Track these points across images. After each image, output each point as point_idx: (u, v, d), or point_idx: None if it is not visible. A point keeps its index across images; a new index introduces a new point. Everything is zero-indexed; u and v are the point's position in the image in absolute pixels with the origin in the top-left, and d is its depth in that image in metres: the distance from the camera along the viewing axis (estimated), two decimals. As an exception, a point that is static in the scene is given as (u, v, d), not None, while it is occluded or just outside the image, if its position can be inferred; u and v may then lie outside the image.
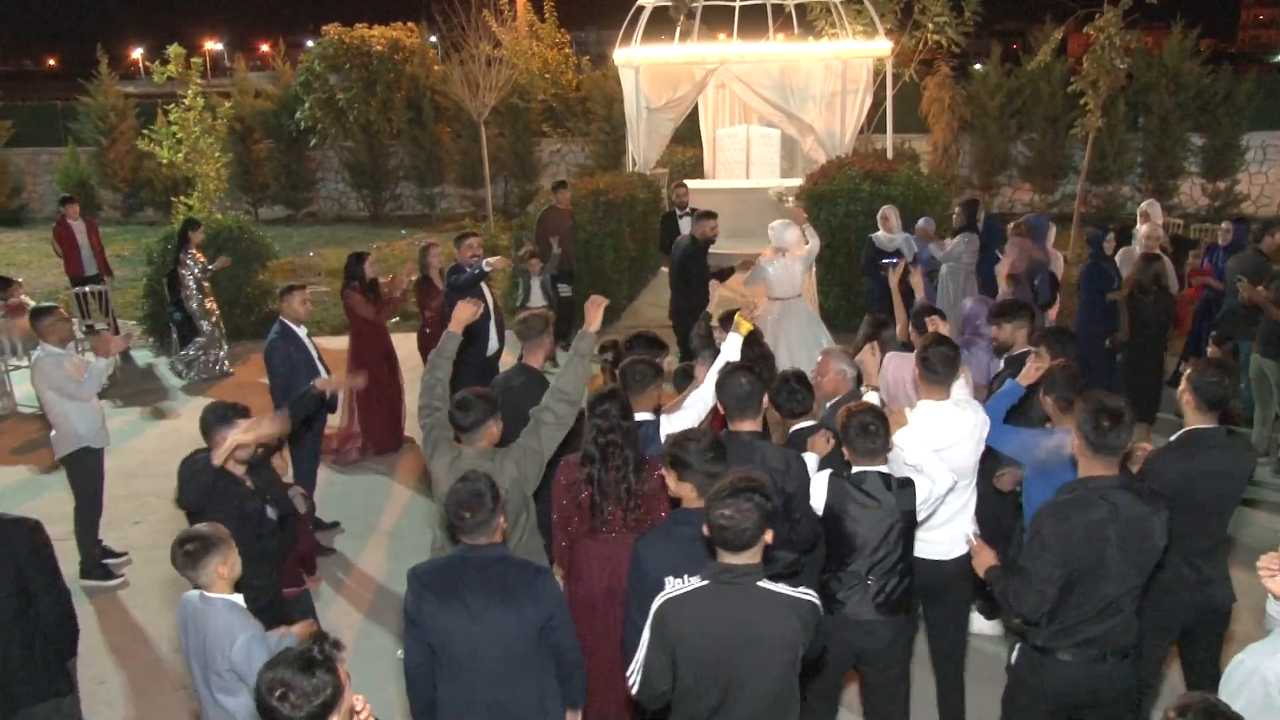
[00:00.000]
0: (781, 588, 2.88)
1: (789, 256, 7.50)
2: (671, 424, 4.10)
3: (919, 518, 3.73)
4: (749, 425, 3.76)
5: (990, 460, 4.30)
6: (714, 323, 5.42)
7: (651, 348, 4.73)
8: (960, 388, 4.24)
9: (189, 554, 3.23)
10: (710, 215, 8.32)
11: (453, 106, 17.93)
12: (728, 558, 2.85)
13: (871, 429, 3.56)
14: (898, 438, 3.78)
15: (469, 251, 7.85)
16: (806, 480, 3.71)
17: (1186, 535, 3.68)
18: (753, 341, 4.70)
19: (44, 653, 3.65)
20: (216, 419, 3.94)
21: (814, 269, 9.00)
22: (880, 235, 8.41)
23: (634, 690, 2.99)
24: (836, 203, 9.64)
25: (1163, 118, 17.16)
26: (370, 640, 5.28)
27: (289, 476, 4.73)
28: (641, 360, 4.26)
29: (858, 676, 3.97)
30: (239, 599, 3.31)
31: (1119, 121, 16.85)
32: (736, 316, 4.47)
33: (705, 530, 2.89)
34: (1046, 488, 3.75)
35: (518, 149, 19.62)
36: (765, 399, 3.95)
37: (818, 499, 3.62)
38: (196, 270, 9.70)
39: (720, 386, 3.80)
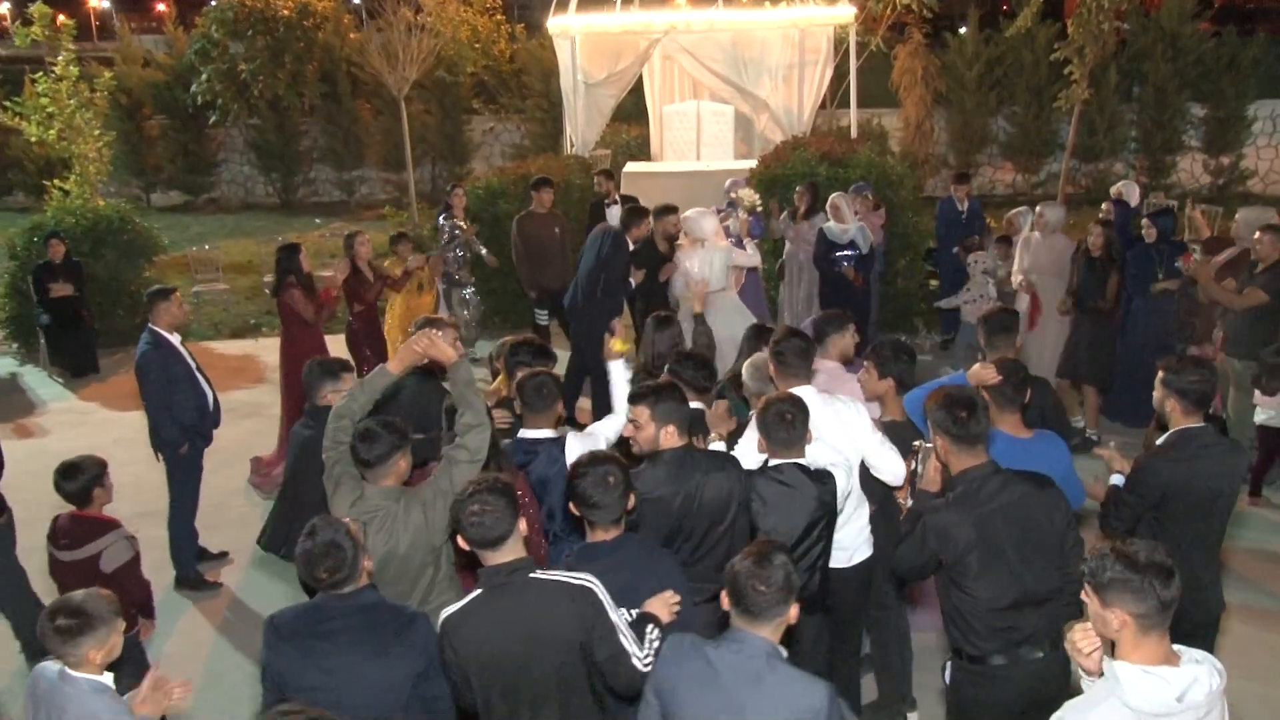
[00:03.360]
0: (556, 575, 3.12)
1: (709, 247, 7.68)
2: (582, 445, 4.28)
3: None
4: (679, 442, 3.91)
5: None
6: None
7: (538, 358, 4.86)
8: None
9: (61, 631, 3.04)
10: (642, 213, 8.25)
11: (371, 80, 17.90)
12: (491, 558, 3.10)
13: (789, 417, 3.80)
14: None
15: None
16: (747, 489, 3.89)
17: (1181, 539, 3.87)
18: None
19: None
20: (321, 373, 4.62)
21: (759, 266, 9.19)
22: (832, 226, 8.60)
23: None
24: (790, 188, 9.80)
25: (1159, 87, 17.48)
26: (254, 685, 5.33)
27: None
28: (545, 372, 4.39)
29: None
30: (108, 680, 3.16)
31: (1110, 92, 17.21)
32: (609, 342, 4.86)
33: (462, 541, 3.13)
34: None
35: (445, 128, 19.68)
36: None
37: None
38: (446, 235, 9.80)
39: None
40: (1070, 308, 7.86)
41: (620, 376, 4.79)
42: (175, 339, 6.03)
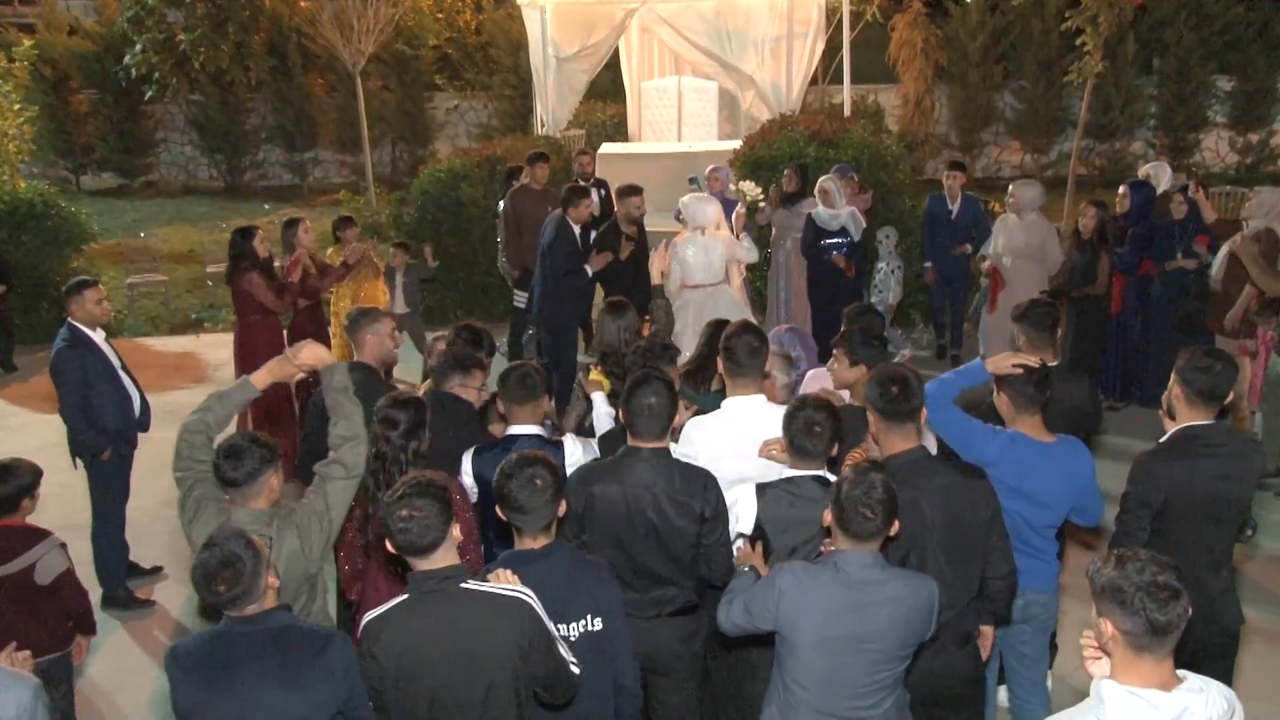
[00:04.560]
0: (489, 586, 3.18)
1: (708, 236, 7.71)
2: (582, 450, 4.43)
3: None
4: (653, 444, 3.94)
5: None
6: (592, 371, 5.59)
7: (473, 344, 4.95)
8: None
9: None
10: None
11: (324, 53, 17.81)
12: (420, 564, 3.16)
13: (817, 430, 3.82)
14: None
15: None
16: (724, 505, 3.91)
17: (1185, 547, 3.89)
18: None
19: None
20: (452, 364, 4.71)
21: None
22: (821, 212, 8.65)
23: None
24: (777, 170, 9.84)
25: (1181, 58, 17.61)
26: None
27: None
28: (528, 364, 4.45)
29: None
30: None
31: (1127, 64, 17.33)
32: (592, 374, 4.98)
33: (390, 546, 3.19)
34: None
35: (406, 106, 19.68)
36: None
37: (747, 516, 3.85)
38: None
39: (626, 400, 3.96)
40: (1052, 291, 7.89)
41: (602, 408, 4.89)
42: (98, 335, 6.02)
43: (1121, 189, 8.45)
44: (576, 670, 3.25)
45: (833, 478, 3.88)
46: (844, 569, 3.29)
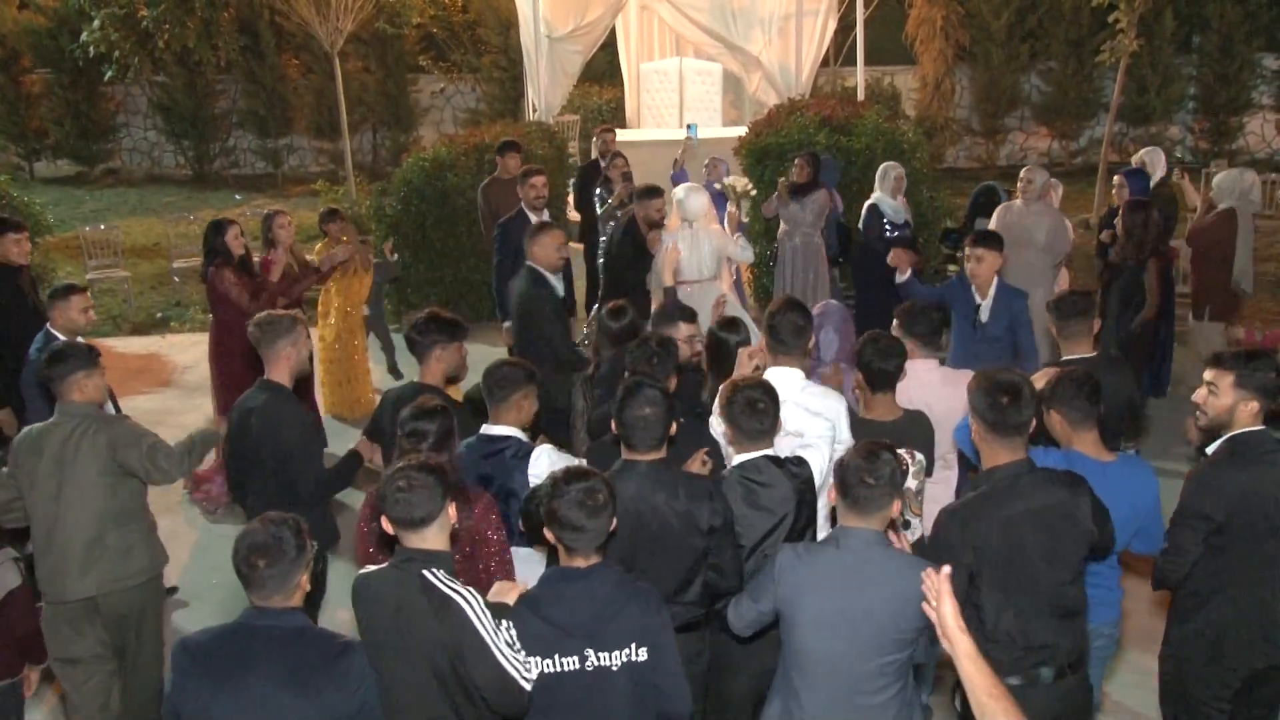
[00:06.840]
0: (436, 580, 3.37)
1: (698, 229, 7.86)
2: (560, 461, 4.42)
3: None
4: (650, 455, 4.02)
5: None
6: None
7: (443, 330, 4.97)
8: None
9: None
10: (656, 192, 8.24)
11: (299, 32, 17.97)
12: (413, 540, 3.42)
13: (760, 406, 3.99)
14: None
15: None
16: (731, 515, 4.03)
17: (1247, 565, 3.97)
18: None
19: None
20: (665, 319, 5.31)
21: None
22: (886, 201, 8.79)
23: None
24: (785, 160, 9.98)
25: (1224, 34, 17.76)
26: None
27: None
28: (509, 363, 4.53)
29: None
30: None
31: (1164, 42, 17.47)
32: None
33: (386, 525, 3.47)
34: None
35: (387, 89, 19.81)
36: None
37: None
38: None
39: (619, 412, 4.01)
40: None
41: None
42: (74, 345, 6.13)
43: (1116, 178, 8.60)
44: (526, 685, 3.30)
45: (776, 453, 4.09)
46: (838, 549, 3.49)
